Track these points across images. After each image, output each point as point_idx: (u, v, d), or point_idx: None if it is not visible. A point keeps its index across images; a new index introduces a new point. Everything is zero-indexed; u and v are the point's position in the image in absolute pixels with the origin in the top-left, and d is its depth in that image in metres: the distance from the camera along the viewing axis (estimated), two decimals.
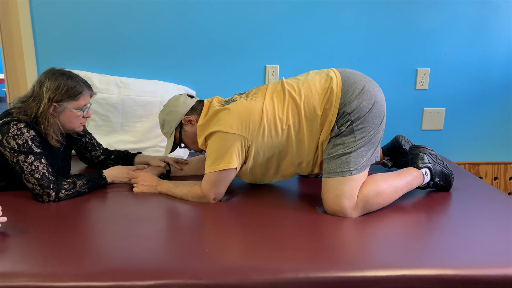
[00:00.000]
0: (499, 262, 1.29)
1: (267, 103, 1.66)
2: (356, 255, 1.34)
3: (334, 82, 1.64)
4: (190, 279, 1.22)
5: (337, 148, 1.61)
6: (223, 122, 1.64)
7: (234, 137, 1.63)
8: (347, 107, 1.60)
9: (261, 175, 1.77)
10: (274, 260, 1.29)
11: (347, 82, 1.64)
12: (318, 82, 1.67)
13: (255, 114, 1.64)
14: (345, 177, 1.58)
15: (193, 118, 1.76)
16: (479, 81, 2.51)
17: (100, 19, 2.31)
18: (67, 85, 1.69)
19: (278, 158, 1.71)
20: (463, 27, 2.42)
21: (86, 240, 1.41)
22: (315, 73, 1.73)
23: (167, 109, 1.79)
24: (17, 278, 1.21)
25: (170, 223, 1.55)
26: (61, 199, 1.68)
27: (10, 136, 1.63)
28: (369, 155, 1.62)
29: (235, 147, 1.63)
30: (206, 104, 1.77)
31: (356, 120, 1.60)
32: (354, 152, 1.59)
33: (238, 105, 1.67)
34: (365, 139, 1.60)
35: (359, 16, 2.37)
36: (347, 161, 1.59)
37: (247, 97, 1.71)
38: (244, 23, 2.35)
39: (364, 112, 1.60)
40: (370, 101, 1.61)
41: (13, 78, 2.38)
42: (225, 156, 1.63)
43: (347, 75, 1.67)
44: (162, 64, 2.38)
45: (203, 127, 1.71)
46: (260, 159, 1.69)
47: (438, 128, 2.56)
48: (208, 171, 1.66)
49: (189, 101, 1.79)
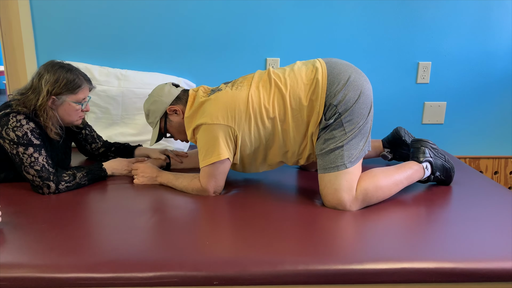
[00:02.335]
0: (499, 255, 1.29)
1: (253, 92, 1.65)
2: (355, 248, 1.34)
3: (320, 73, 1.63)
4: (189, 271, 1.22)
5: (329, 142, 1.60)
6: (208, 114, 1.63)
7: (220, 128, 1.62)
8: (333, 99, 1.59)
9: (249, 164, 1.76)
10: (274, 253, 1.29)
11: (333, 73, 1.63)
12: (304, 73, 1.66)
13: (241, 103, 1.63)
14: (340, 171, 1.58)
15: (178, 108, 1.75)
16: (481, 75, 2.50)
17: (100, 11, 2.29)
18: (66, 78, 1.68)
19: (265, 148, 1.70)
20: (465, 20, 2.41)
21: (86, 231, 1.41)
22: (302, 64, 1.72)
23: (151, 99, 1.78)
24: (17, 269, 1.21)
25: (170, 215, 1.55)
26: (61, 191, 1.68)
27: (10, 128, 1.63)
28: (361, 146, 1.62)
29: (223, 138, 1.62)
30: (191, 94, 1.75)
31: (343, 113, 1.59)
32: (346, 145, 1.59)
33: (223, 94, 1.66)
34: (355, 130, 1.60)
35: (361, 9, 2.36)
36: (340, 155, 1.58)
37: (233, 86, 1.69)
38: (245, 15, 2.34)
39: (350, 104, 1.59)
40: (356, 91, 1.60)
41: (13, 70, 2.37)
42: (215, 148, 1.63)
43: (332, 65, 1.65)
44: (162, 56, 2.38)
45: (189, 119, 1.70)
46: (248, 150, 1.69)
47: (439, 122, 2.56)
48: (202, 165, 1.66)
49: (174, 91, 1.77)
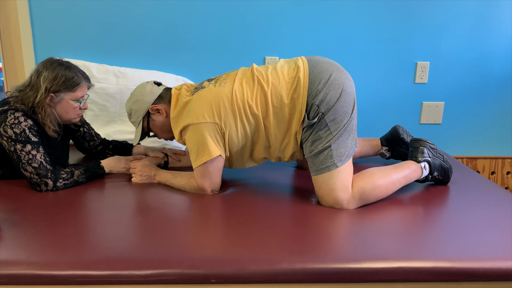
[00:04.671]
0: (495, 255, 1.29)
1: (236, 88, 1.64)
2: (352, 247, 1.35)
3: (301, 71, 1.63)
4: (187, 269, 1.22)
5: (316, 144, 1.60)
6: (193, 113, 1.63)
7: (207, 126, 1.62)
8: (315, 98, 1.59)
9: (236, 161, 1.76)
10: (271, 251, 1.30)
11: (314, 72, 1.62)
12: (286, 71, 1.66)
13: (225, 99, 1.63)
14: (332, 171, 1.58)
15: (160, 107, 1.74)
16: (479, 75, 2.51)
17: (98, 9, 2.29)
18: (65, 76, 1.68)
19: (252, 144, 1.71)
20: (463, 20, 2.41)
21: (84, 229, 1.41)
22: (285, 62, 1.72)
23: (133, 98, 1.77)
24: (14, 267, 1.21)
25: (168, 214, 1.55)
26: (58, 188, 1.68)
27: (8, 125, 1.63)
28: (349, 143, 1.62)
29: (212, 135, 1.62)
30: (174, 93, 1.74)
31: (326, 112, 1.59)
32: (334, 144, 1.59)
33: (207, 92, 1.65)
34: (340, 129, 1.60)
35: (359, 8, 2.36)
36: (329, 155, 1.58)
37: (216, 83, 1.69)
38: (243, 14, 2.34)
39: (332, 103, 1.59)
40: (337, 90, 1.60)
41: (11, 68, 2.36)
42: (205, 147, 1.62)
43: (314, 63, 1.65)
44: (160, 54, 2.37)
45: (175, 120, 1.69)
46: (235, 147, 1.69)
47: (437, 122, 2.56)
48: (195, 166, 1.66)
49: (156, 90, 1.76)
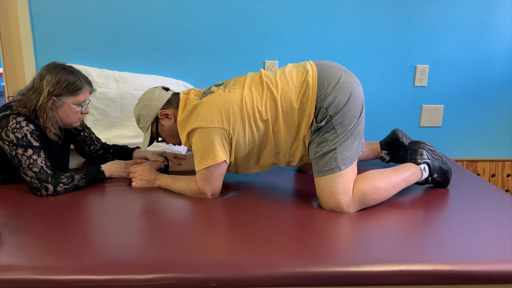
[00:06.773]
0: (496, 258, 1.29)
1: (246, 95, 1.65)
2: (353, 250, 1.35)
3: (310, 75, 1.63)
4: (188, 273, 1.22)
5: (322, 146, 1.61)
6: (202, 117, 1.63)
7: (215, 131, 1.62)
8: (323, 101, 1.60)
9: (242, 166, 1.76)
10: (272, 255, 1.30)
11: (323, 75, 1.63)
12: (294, 75, 1.66)
13: (234, 105, 1.63)
14: (335, 174, 1.58)
15: (169, 112, 1.75)
16: (478, 78, 2.51)
17: (99, 13, 2.30)
18: (67, 80, 1.69)
19: (259, 150, 1.71)
20: (463, 24, 2.42)
21: (84, 233, 1.41)
22: (293, 66, 1.72)
23: (142, 103, 1.77)
24: (15, 271, 1.21)
25: (168, 218, 1.55)
26: (59, 193, 1.68)
27: (9, 130, 1.63)
28: (355, 147, 1.62)
29: (219, 141, 1.62)
30: (182, 98, 1.74)
31: (334, 115, 1.59)
32: (339, 147, 1.59)
33: (216, 97, 1.65)
34: (346, 132, 1.60)
35: (359, 12, 2.37)
36: (334, 157, 1.59)
37: (225, 88, 1.69)
38: (243, 18, 2.35)
39: (340, 106, 1.60)
40: (346, 94, 1.61)
41: (11, 72, 2.37)
42: (211, 152, 1.63)
43: (323, 67, 1.66)
44: (161, 59, 2.38)
45: (183, 123, 1.69)
46: (242, 152, 1.69)
47: (437, 125, 2.57)
48: (198, 169, 1.66)
49: (164, 95, 1.77)
